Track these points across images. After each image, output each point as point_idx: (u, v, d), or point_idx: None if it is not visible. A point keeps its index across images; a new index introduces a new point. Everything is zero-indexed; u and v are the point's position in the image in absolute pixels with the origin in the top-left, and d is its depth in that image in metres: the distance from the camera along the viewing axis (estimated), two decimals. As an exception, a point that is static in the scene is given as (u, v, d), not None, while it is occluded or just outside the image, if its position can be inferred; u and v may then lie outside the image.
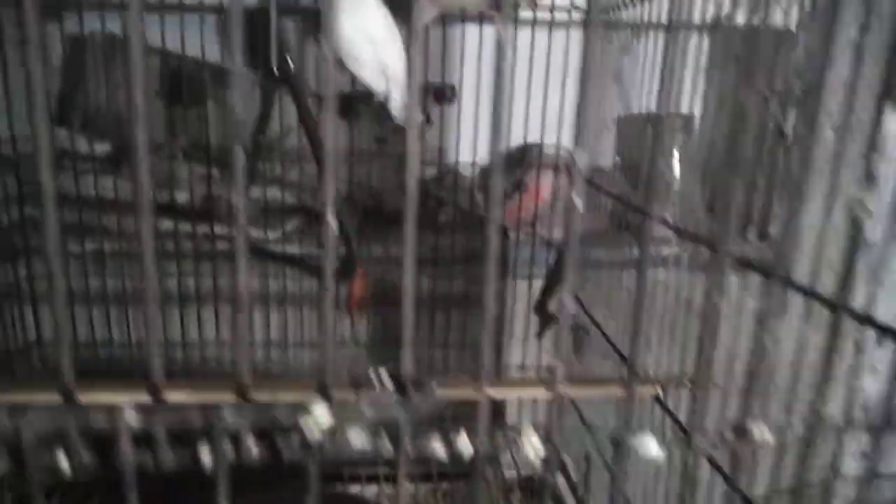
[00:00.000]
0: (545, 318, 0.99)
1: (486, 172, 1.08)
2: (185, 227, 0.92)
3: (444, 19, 0.83)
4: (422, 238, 0.25)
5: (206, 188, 0.91)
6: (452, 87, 1.08)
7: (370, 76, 0.73)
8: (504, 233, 1.01)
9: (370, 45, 0.71)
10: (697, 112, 0.95)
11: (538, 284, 0.99)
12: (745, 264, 0.60)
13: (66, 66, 1.04)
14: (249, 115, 0.96)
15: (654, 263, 0.97)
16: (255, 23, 0.83)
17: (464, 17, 0.88)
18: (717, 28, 0.81)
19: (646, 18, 0.77)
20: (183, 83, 0.93)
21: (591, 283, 0.90)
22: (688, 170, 0.95)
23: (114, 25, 0.85)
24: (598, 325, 0.87)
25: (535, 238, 0.96)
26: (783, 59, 0.76)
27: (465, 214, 1.05)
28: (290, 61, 0.62)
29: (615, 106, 0.89)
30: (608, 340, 0.83)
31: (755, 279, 0.60)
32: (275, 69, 0.63)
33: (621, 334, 0.82)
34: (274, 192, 0.96)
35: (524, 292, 0.98)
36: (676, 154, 0.98)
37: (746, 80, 0.59)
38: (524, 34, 0.88)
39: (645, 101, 0.76)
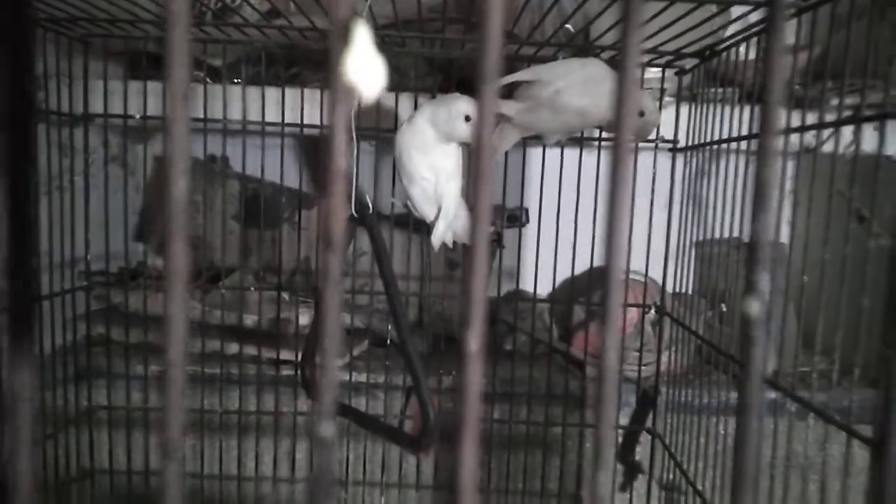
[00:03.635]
0: (630, 468, 0.89)
1: (557, 297, 1.03)
2: (251, 350, 0.89)
3: (525, 142, 0.81)
4: (492, 368, 0.19)
5: (274, 311, 0.89)
6: (526, 211, 1.06)
7: (424, 206, 0.71)
8: (580, 366, 0.93)
9: (433, 175, 0.70)
10: (785, 240, 0.89)
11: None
12: (820, 414, 0.51)
13: (149, 186, 1.07)
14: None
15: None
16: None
17: (544, 143, 0.86)
18: (806, 153, 0.76)
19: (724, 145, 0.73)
20: (261, 207, 0.93)
21: (682, 430, 0.81)
22: (782, 304, 0.87)
23: (197, 148, 0.87)
24: (691, 483, 0.76)
25: (620, 374, 0.88)
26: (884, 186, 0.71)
27: (538, 343, 0.98)
28: (369, 204, 0.61)
29: (695, 230, 0.84)
30: (704, 501, 0.73)
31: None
32: (353, 212, 0.62)
33: (719, 491, 0.72)
34: (342, 316, 0.92)
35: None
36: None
37: (844, 206, 0.53)
38: (594, 156, 0.85)
39: (727, 225, 0.71)
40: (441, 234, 0.72)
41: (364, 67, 0.13)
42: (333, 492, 0.14)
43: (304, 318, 0.90)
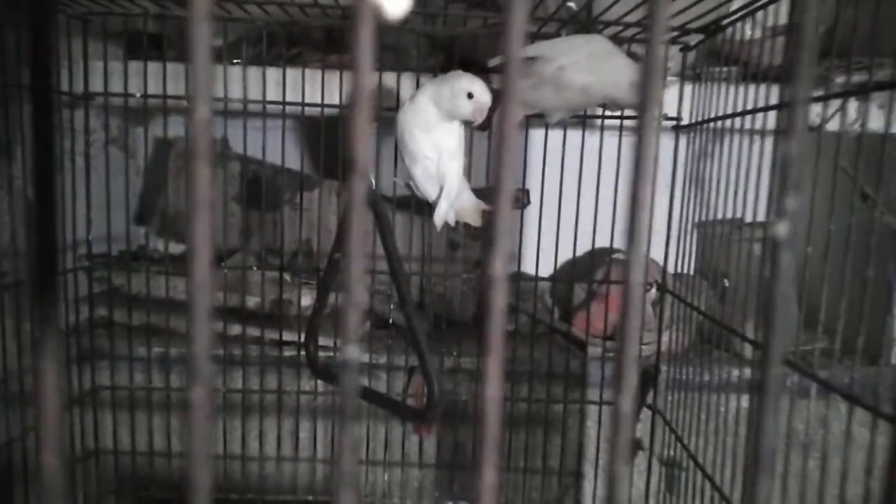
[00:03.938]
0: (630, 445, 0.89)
1: (559, 278, 1.03)
2: (254, 331, 0.89)
3: (528, 122, 0.81)
4: None
5: (277, 293, 0.89)
6: (527, 192, 1.05)
7: (426, 185, 0.71)
8: (581, 346, 0.94)
9: (435, 154, 0.70)
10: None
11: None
12: (846, 396, 0.52)
13: (150, 168, 1.07)
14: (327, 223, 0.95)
15: (744, 388, 0.88)
16: (336, 133, 0.83)
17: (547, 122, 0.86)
18: (811, 130, 0.76)
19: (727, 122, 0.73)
20: (262, 189, 0.93)
21: (683, 408, 0.81)
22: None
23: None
24: (693, 458, 0.77)
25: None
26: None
27: (540, 323, 0.99)
28: (371, 182, 0.60)
29: (696, 210, 0.84)
30: (706, 475, 0.73)
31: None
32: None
33: (720, 468, 0.72)
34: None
35: (605, 415, 0.89)
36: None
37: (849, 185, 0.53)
38: (597, 137, 0.85)
39: (729, 205, 0.71)
40: (444, 214, 0.72)
41: None
42: (360, 414, 0.14)
43: (307, 300, 0.90)
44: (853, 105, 0.67)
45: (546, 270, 0.93)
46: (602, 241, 0.88)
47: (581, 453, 0.90)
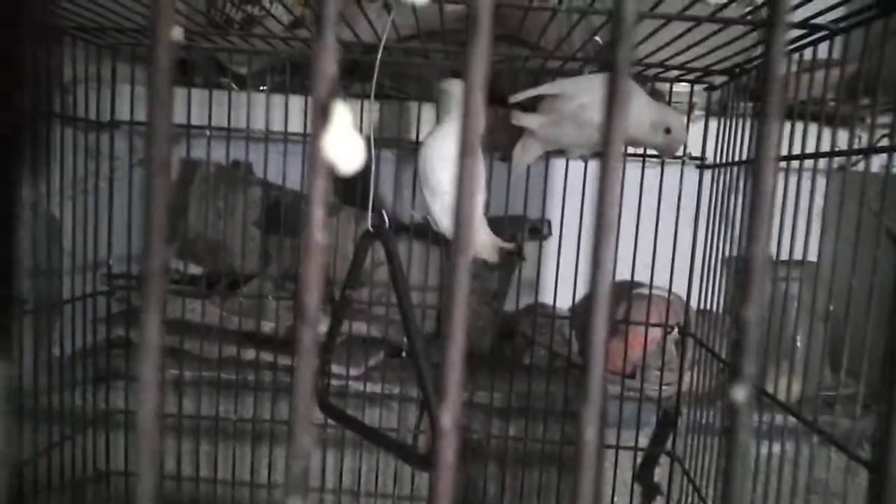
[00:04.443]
0: (648, 489, 0.87)
1: (580, 311, 1.01)
2: (268, 357, 0.89)
3: (548, 153, 0.80)
4: (509, 382, 0.18)
5: (292, 319, 0.89)
6: (548, 223, 1.04)
7: (445, 219, 0.70)
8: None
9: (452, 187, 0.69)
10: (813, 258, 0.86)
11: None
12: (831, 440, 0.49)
13: (177, 190, 1.08)
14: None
15: (769, 436, 0.85)
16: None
17: (567, 156, 0.85)
18: (837, 171, 0.74)
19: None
20: (281, 214, 0.93)
21: (702, 453, 0.79)
22: (812, 324, 0.85)
23: (221, 154, 0.88)
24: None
25: (641, 393, 0.86)
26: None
27: (557, 357, 0.97)
28: (386, 219, 0.60)
29: (725, 247, 0.82)
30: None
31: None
32: (370, 227, 0.61)
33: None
34: (359, 326, 0.92)
35: (627, 457, 0.87)
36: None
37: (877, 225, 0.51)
38: (629, 170, 0.84)
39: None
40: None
41: (343, 144, 0.12)
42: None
43: (322, 327, 0.90)
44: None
45: (565, 303, 0.91)
46: (623, 272, 0.86)
47: (598, 495, 0.87)
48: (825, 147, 0.59)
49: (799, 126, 0.64)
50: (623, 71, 0.14)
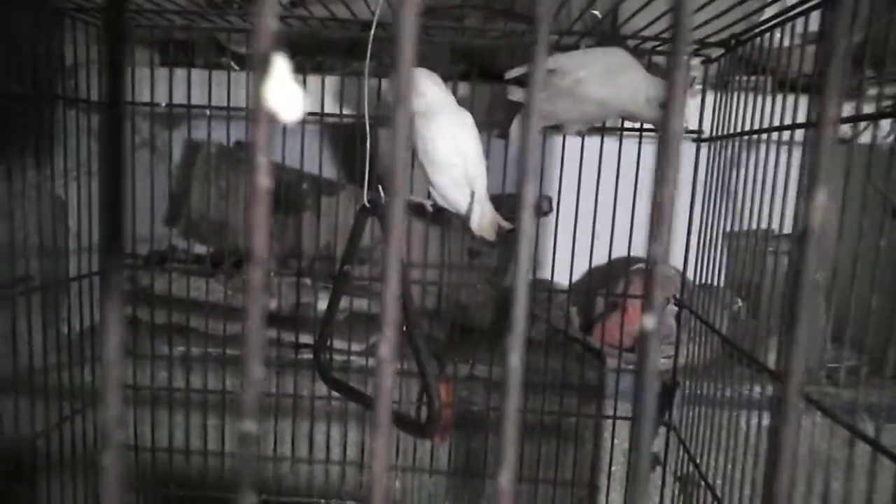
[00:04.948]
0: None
1: (578, 287, 1.02)
2: (271, 333, 0.90)
3: (546, 131, 0.80)
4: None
5: (294, 296, 0.90)
6: (549, 200, 1.05)
7: (455, 193, 0.71)
8: (600, 357, 0.93)
9: (462, 162, 0.70)
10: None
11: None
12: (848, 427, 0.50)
13: (179, 171, 1.10)
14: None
15: (761, 406, 0.86)
16: (354, 139, 0.83)
17: (563, 131, 0.85)
18: (841, 144, 0.74)
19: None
20: (282, 193, 0.94)
21: (701, 424, 0.80)
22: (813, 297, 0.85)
23: (222, 134, 0.89)
24: (704, 479, 0.75)
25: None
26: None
27: (558, 332, 0.98)
28: (381, 194, 0.61)
29: (725, 221, 0.82)
30: (715, 498, 0.72)
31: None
32: (366, 202, 0.62)
33: (737, 485, 0.71)
34: (360, 303, 0.93)
35: (624, 427, 0.88)
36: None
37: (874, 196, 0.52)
38: (615, 143, 0.84)
39: (758, 216, 0.69)
40: (479, 218, 0.71)
41: (283, 95, 0.13)
42: (255, 483, 0.14)
43: (324, 303, 0.91)
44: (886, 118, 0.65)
45: (563, 278, 0.92)
46: (619, 249, 0.87)
47: (596, 465, 0.89)
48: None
49: (803, 100, 0.64)
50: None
